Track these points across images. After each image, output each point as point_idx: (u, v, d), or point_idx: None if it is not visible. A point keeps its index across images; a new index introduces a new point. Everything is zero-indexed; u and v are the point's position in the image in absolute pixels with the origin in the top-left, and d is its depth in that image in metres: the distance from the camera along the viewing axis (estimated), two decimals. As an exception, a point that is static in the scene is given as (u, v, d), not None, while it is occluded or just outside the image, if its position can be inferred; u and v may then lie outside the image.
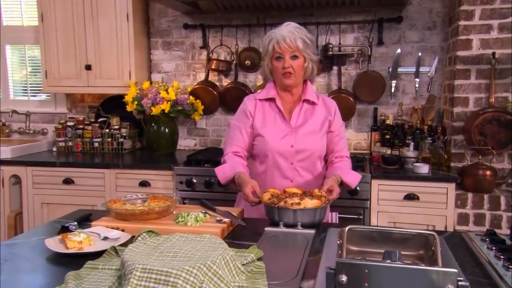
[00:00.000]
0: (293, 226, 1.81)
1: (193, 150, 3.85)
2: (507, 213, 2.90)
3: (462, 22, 3.03)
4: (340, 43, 3.57)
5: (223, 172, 2.15)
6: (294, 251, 1.58)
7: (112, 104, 3.99)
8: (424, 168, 2.98)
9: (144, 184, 3.28)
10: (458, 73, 3.07)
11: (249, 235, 1.75)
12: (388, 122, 3.41)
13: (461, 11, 3.02)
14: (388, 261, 1.23)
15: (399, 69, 3.49)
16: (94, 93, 4.05)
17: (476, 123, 2.98)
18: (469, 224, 2.95)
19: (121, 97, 3.90)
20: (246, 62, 3.67)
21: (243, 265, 1.39)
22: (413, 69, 3.47)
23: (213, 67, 3.68)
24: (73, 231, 1.71)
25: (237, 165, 2.14)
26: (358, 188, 2.94)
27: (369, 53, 3.50)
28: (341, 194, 2.93)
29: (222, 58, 3.77)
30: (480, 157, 2.99)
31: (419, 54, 3.44)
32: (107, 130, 3.78)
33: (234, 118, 2.29)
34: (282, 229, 1.79)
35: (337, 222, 2.93)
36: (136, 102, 3.47)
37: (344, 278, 1.20)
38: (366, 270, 1.19)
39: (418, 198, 2.93)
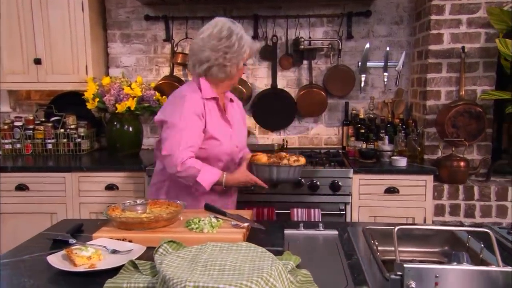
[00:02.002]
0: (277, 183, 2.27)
1: (157, 150, 3.63)
2: (480, 202, 2.99)
3: (434, 17, 3.08)
4: (310, 37, 3.52)
5: (206, 180, 2.00)
6: (329, 255, 1.49)
7: (64, 102, 3.68)
8: (402, 161, 3.00)
9: (111, 187, 3.03)
10: (431, 66, 3.12)
11: (268, 240, 1.62)
12: (361, 116, 3.41)
13: (432, 6, 3.07)
14: (455, 263, 1.17)
15: (368, 64, 3.49)
16: (43, 90, 3.70)
17: (449, 115, 3.04)
18: (445, 215, 3.01)
19: (73, 94, 3.61)
20: (214, 56, 3.50)
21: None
22: (382, 63, 3.49)
23: (179, 61, 3.48)
24: (73, 245, 1.51)
25: (210, 168, 2.05)
26: (340, 183, 2.91)
27: (340, 47, 3.47)
28: (322, 190, 2.94)
29: (187, 52, 3.58)
30: (453, 149, 3.06)
31: (388, 48, 3.46)
32: (62, 130, 3.46)
33: (181, 118, 1.98)
34: (302, 231, 1.69)
35: (320, 219, 2.88)
36: (97, 99, 3.20)
37: (413, 284, 1.13)
38: (437, 275, 1.12)
39: (398, 191, 2.94)
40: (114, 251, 1.46)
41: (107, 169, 3.05)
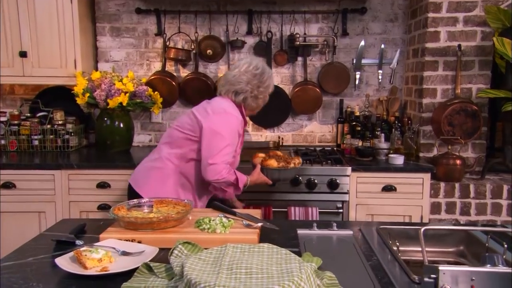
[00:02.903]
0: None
1: (148, 147, 3.55)
2: (475, 200, 3.00)
3: (431, 14, 3.07)
4: (305, 33, 3.47)
5: (241, 183, 2.27)
6: (348, 256, 1.44)
7: (49, 97, 3.55)
8: (399, 159, 2.99)
9: (103, 185, 2.93)
10: (427, 64, 3.12)
11: (282, 240, 1.57)
12: (356, 114, 3.38)
13: (429, 3, 3.06)
14: (489, 265, 1.13)
15: (363, 61, 3.47)
16: (27, 84, 3.56)
17: (445, 113, 3.04)
18: (441, 213, 3.01)
19: (60, 88, 3.50)
20: (208, 51, 3.42)
21: (311, 276, 1.23)
22: (376, 61, 3.48)
23: (171, 56, 3.39)
24: (80, 247, 1.43)
25: (239, 173, 2.29)
26: (338, 181, 2.88)
27: (335, 44, 3.44)
28: (320, 188, 2.91)
29: (180, 47, 3.50)
30: (449, 147, 3.06)
31: (382, 46, 3.44)
32: (49, 126, 3.33)
33: (230, 134, 2.22)
34: (315, 231, 1.64)
35: (317, 217, 2.85)
36: (88, 94, 3.09)
37: (448, 286, 1.09)
38: (473, 278, 1.09)
39: (395, 189, 2.93)
40: (125, 253, 1.39)
41: (99, 166, 2.95)
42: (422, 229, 1.25)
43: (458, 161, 3.00)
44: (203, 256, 1.20)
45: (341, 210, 2.92)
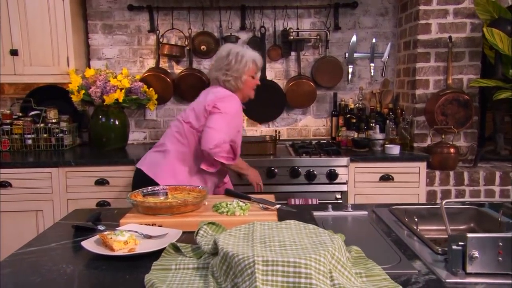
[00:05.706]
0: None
1: (143, 144, 3.53)
2: (469, 187, 3.07)
3: (422, 7, 3.14)
4: (298, 28, 3.51)
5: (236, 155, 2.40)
6: (368, 233, 1.47)
7: (40, 96, 3.50)
8: (395, 149, 3.04)
9: (101, 182, 2.91)
10: (419, 56, 3.18)
11: (300, 221, 1.58)
12: (351, 106, 3.43)
13: (420, -4, 3.13)
14: (510, 233, 1.17)
15: (355, 55, 3.52)
16: (18, 83, 3.51)
17: (438, 103, 3.11)
18: (437, 201, 3.07)
19: (50, 88, 3.46)
20: (202, 47, 3.43)
21: (338, 250, 1.25)
22: (368, 54, 3.52)
23: (165, 52, 3.38)
24: (103, 231, 1.42)
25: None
26: (337, 172, 2.91)
27: (328, 38, 3.48)
28: (319, 179, 2.93)
29: (173, 43, 3.49)
30: (443, 136, 3.13)
31: (374, 40, 3.49)
32: (42, 125, 3.29)
33: (233, 113, 2.32)
34: (330, 212, 1.67)
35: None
36: (83, 92, 3.06)
37: (476, 253, 1.12)
38: (500, 243, 1.12)
39: (392, 179, 2.98)
40: (148, 236, 1.39)
41: (97, 163, 2.92)
42: (444, 202, 1.28)
43: (452, 150, 3.07)
44: (233, 233, 1.22)
45: (340, 201, 2.95)
